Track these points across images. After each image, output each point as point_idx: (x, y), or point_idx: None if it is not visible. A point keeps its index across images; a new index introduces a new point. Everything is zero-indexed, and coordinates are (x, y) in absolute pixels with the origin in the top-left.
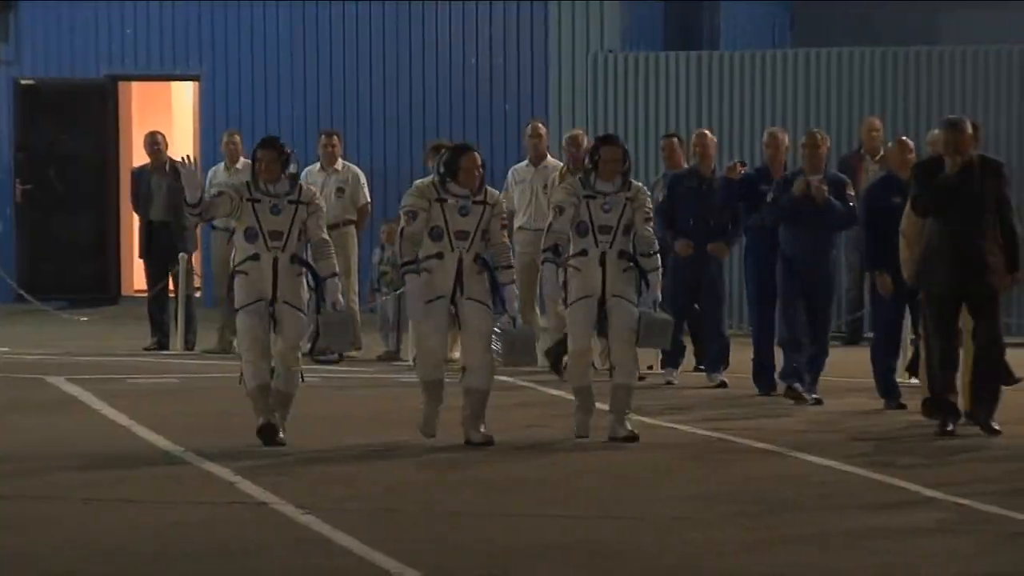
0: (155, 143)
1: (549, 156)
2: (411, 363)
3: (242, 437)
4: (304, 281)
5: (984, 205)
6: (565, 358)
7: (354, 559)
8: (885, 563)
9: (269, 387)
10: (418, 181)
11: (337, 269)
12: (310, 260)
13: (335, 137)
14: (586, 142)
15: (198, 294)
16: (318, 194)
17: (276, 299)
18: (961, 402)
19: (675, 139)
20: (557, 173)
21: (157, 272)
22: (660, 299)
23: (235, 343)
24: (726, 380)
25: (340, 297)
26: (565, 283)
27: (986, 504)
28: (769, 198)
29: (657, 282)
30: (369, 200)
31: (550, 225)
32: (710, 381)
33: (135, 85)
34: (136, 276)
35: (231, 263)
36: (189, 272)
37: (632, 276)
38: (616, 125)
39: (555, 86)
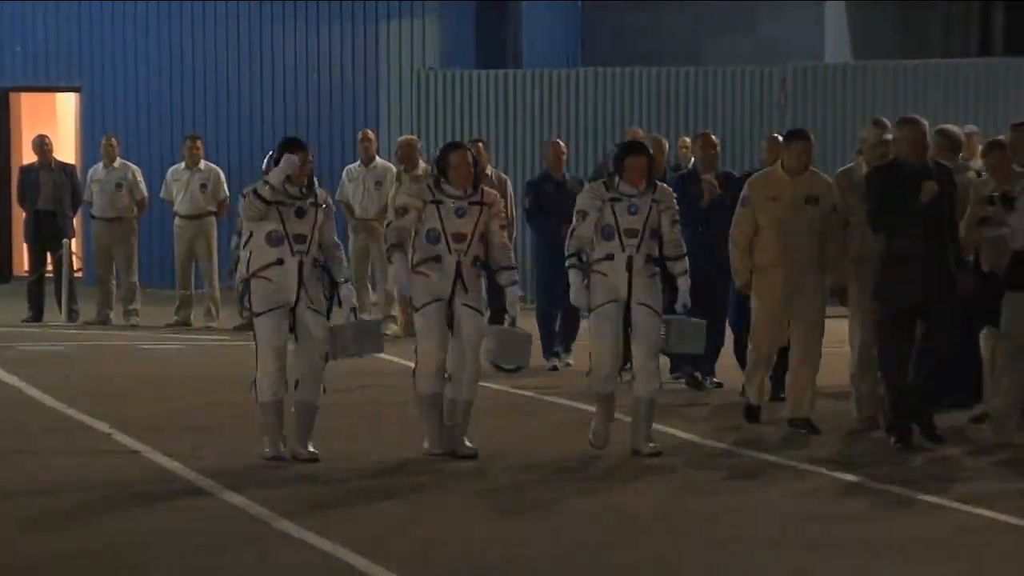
0: (43, 144)
1: (378, 158)
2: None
3: (119, 395)
4: (323, 285)
5: (946, 215)
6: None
7: (215, 500)
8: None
9: (283, 404)
10: (415, 185)
11: (348, 273)
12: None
13: (198, 140)
14: (419, 146)
15: (79, 274)
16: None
17: (298, 304)
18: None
19: (480, 143)
20: (392, 173)
21: (39, 255)
22: (690, 304)
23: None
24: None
25: (355, 302)
26: (588, 287)
27: None
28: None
29: (688, 287)
30: (228, 194)
31: (573, 230)
32: (559, 361)
33: (24, 96)
34: (24, 259)
35: (244, 267)
36: (70, 255)
37: (657, 283)
38: (436, 133)
39: (384, 98)
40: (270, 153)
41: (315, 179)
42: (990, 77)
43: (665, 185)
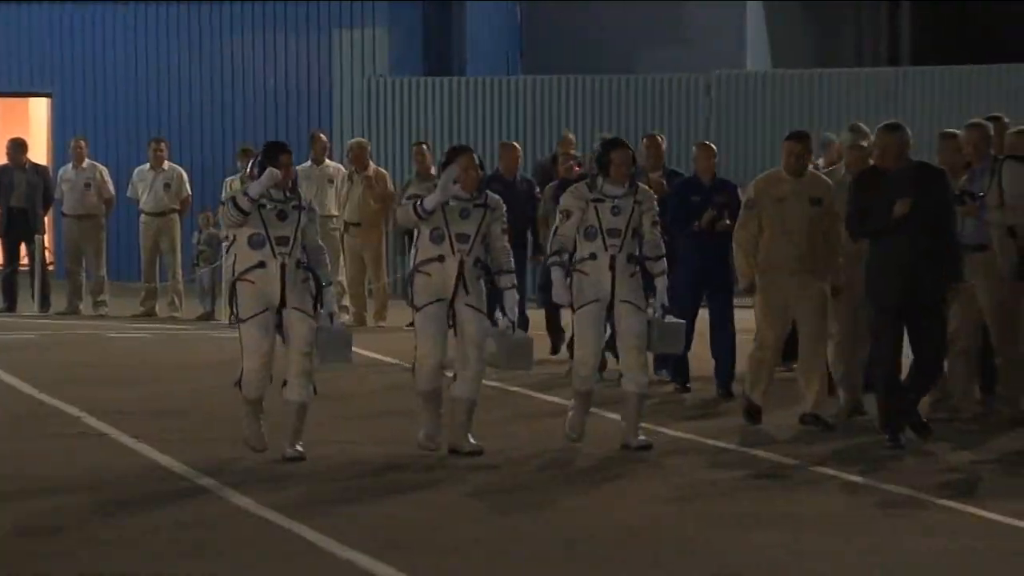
0: (16, 146)
1: (328, 159)
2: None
3: (88, 381)
4: (309, 286)
5: (928, 216)
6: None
7: (176, 476)
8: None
9: (262, 400)
10: (419, 184)
11: (331, 277)
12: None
13: (162, 143)
14: (369, 148)
15: (51, 267)
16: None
17: (284, 306)
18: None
19: (424, 145)
20: (343, 174)
21: (13, 249)
22: (668, 304)
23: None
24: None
25: (336, 307)
26: (571, 287)
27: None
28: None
29: (665, 286)
30: (190, 193)
31: (556, 229)
32: None
33: None
34: None
35: (231, 271)
36: (42, 249)
37: (639, 280)
38: (385, 136)
39: (337, 104)
40: (256, 158)
41: (295, 181)
42: (899, 85)
43: (646, 187)
